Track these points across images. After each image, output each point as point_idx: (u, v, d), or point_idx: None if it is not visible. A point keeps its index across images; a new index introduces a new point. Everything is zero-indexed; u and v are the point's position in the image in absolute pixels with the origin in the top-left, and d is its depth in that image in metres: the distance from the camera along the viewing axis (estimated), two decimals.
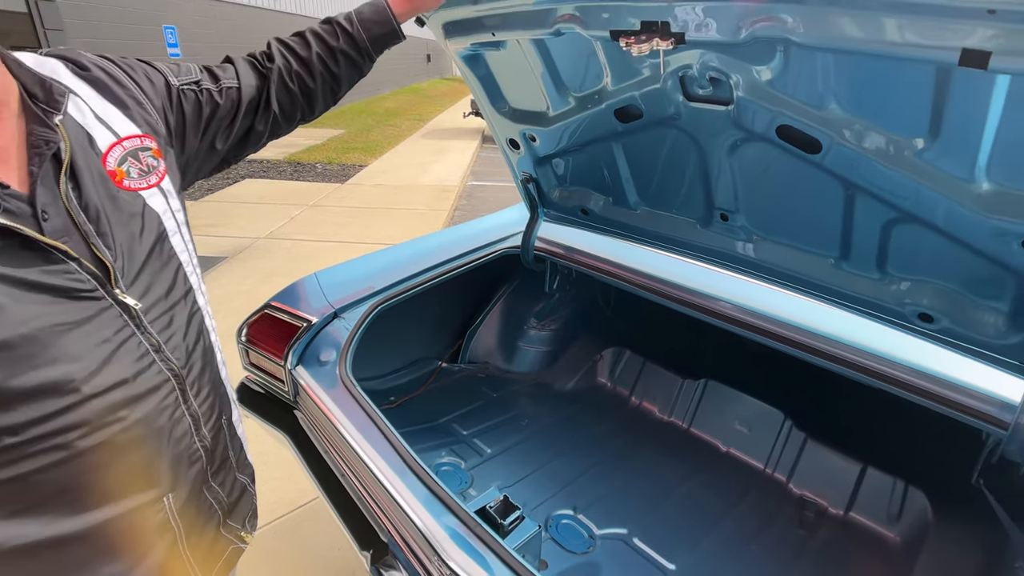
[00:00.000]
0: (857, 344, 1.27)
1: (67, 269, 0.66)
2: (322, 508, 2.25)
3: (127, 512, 0.75)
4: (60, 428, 0.66)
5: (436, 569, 0.97)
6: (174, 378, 0.78)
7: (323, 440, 1.33)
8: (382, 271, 1.65)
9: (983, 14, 0.67)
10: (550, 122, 1.54)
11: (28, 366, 0.62)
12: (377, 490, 1.12)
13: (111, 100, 0.77)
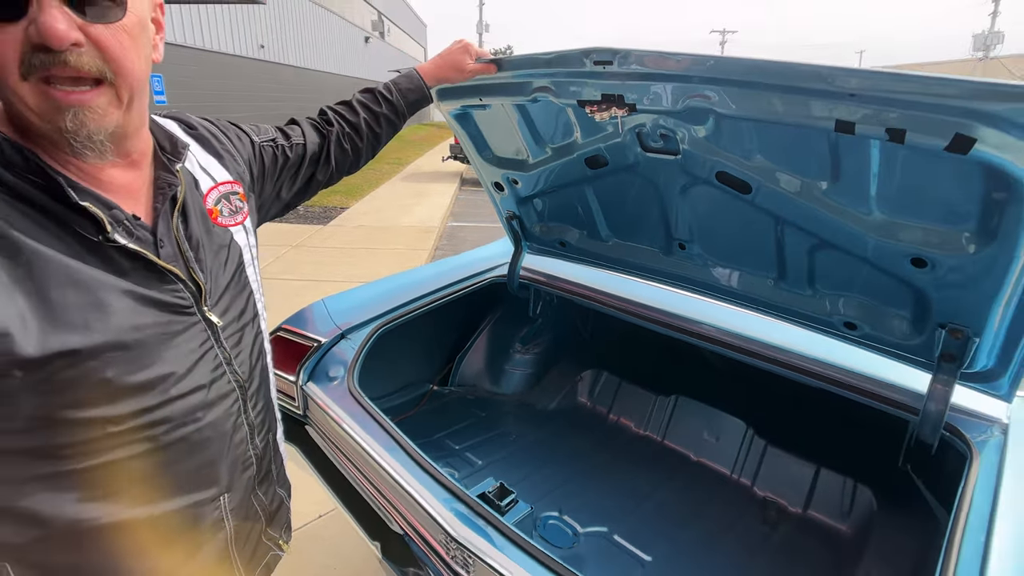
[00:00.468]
0: (799, 351, 1.48)
1: (175, 288, 0.78)
2: (319, 529, 2.37)
3: (190, 505, 0.83)
4: (150, 422, 0.76)
5: (445, 546, 1.13)
6: (239, 389, 0.89)
7: (334, 444, 1.49)
8: (383, 297, 1.84)
9: (846, 96, 0.92)
10: (530, 168, 1.76)
11: (137, 366, 0.73)
12: (389, 483, 1.28)
13: (211, 152, 0.94)
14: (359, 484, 1.42)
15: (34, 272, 0.65)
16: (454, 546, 1.11)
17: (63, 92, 0.64)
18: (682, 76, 1.12)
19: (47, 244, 0.67)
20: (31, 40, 0.61)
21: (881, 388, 1.34)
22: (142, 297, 0.74)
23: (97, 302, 0.69)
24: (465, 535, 1.10)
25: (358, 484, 1.42)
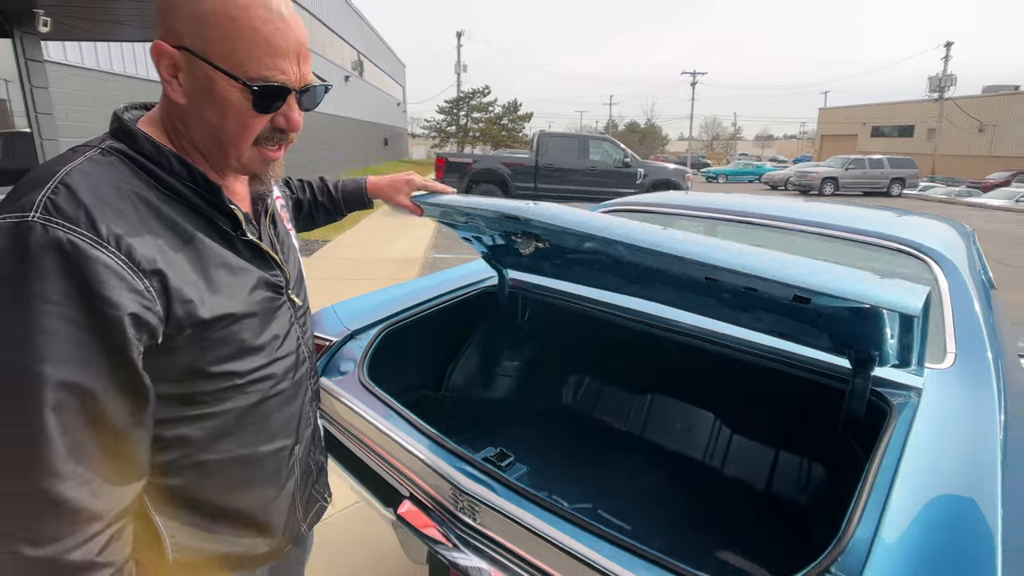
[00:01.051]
0: (752, 340, 1.71)
1: (277, 275, 0.99)
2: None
3: (279, 449, 1.00)
4: (262, 377, 0.94)
5: (453, 500, 1.31)
6: (308, 359, 1.08)
7: (347, 428, 1.66)
8: (387, 302, 2.03)
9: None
10: (487, 243, 1.97)
11: (258, 331, 0.92)
12: (401, 453, 1.45)
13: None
14: (371, 460, 1.59)
15: (201, 256, 0.85)
16: (462, 498, 1.28)
17: (272, 152, 0.92)
18: (578, 235, 1.32)
19: (206, 235, 0.87)
20: (274, 125, 0.89)
21: (821, 365, 1.57)
22: (262, 278, 0.95)
23: (240, 280, 0.90)
24: (471, 487, 1.28)
25: (371, 461, 1.59)
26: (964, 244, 2.15)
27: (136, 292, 0.74)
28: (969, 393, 1.40)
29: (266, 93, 0.83)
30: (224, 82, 0.81)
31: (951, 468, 1.15)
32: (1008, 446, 1.20)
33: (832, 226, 2.12)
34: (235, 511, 0.96)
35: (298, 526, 1.11)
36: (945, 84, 39.09)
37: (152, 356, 0.78)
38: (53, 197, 0.72)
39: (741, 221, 2.33)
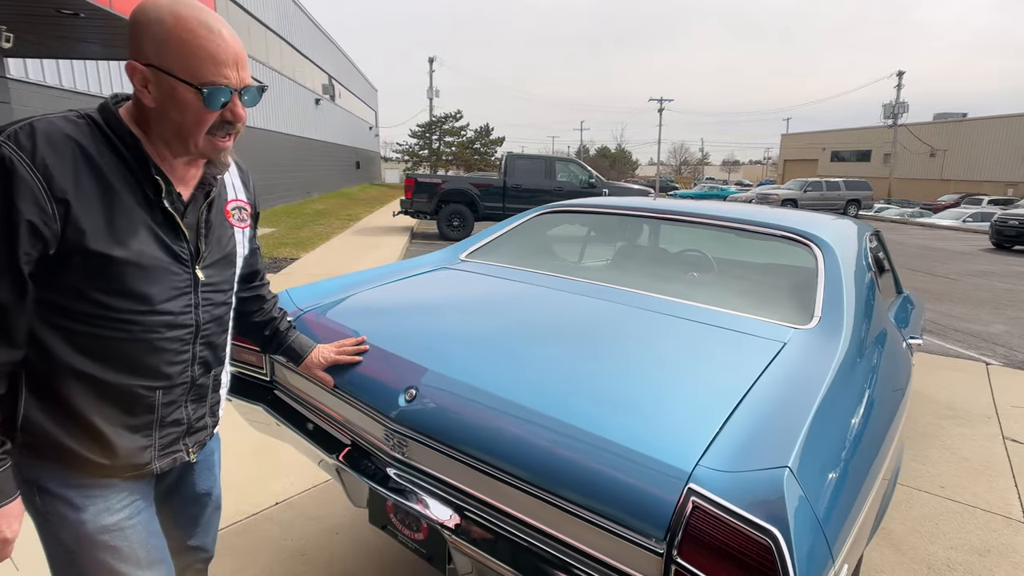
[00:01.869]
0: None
1: (182, 245, 1.17)
2: (277, 513, 2.65)
3: (135, 385, 1.15)
4: (131, 320, 1.11)
5: (386, 440, 1.51)
6: (195, 326, 1.22)
7: (296, 394, 1.85)
8: (338, 287, 2.23)
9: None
10: None
11: (142, 282, 1.10)
12: (342, 408, 1.66)
13: (243, 180, 1.39)
14: (317, 420, 1.78)
15: (113, 203, 1.08)
16: (391, 436, 1.49)
17: (222, 141, 1.15)
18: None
19: (130, 192, 1.10)
20: (223, 118, 1.11)
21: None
22: (162, 241, 1.14)
23: (138, 235, 1.10)
24: (397, 428, 1.49)
25: (316, 420, 1.78)
26: (854, 237, 2.42)
27: (40, 208, 0.98)
28: (819, 345, 1.65)
29: (214, 94, 1.07)
30: (182, 88, 1.06)
31: (783, 390, 1.39)
32: (834, 379, 1.45)
33: (736, 220, 2.39)
34: (77, 415, 1.11)
35: (148, 462, 1.22)
36: (898, 111, 40.77)
37: (47, 263, 1.02)
38: (18, 130, 1.00)
39: (662, 218, 2.59)
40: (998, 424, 4.14)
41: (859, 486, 1.24)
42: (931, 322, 7.41)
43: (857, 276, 2.05)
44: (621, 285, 2.15)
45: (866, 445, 1.36)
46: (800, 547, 0.97)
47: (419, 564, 2.35)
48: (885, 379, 1.76)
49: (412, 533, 1.52)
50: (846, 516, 1.14)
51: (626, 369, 1.53)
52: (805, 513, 1.02)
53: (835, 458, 1.22)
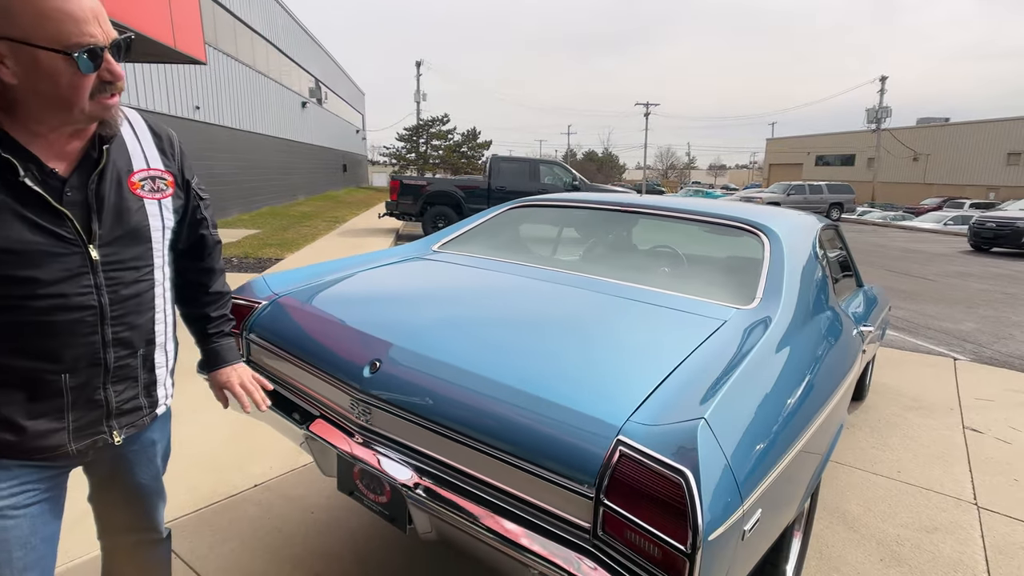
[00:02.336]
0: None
1: (63, 225, 1.08)
2: (256, 495, 2.73)
3: (35, 368, 1.10)
4: (20, 304, 1.05)
5: (351, 408, 1.62)
6: (99, 308, 1.14)
7: (272, 372, 1.95)
8: (313, 274, 2.33)
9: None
10: None
11: (21, 266, 1.03)
12: (311, 381, 1.76)
13: (159, 148, 1.27)
14: (290, 396, 1.89)
15: None
16: (356, 405, 1.60)
17: (108, 100, 1.08)
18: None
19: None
20: (101, 79, 1.05)
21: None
22: (33, 223, 1.05)
23: (2, 220, 1.02)
24: (362, 397, 1.60)
25: (290, 396, 1.89)
26: (804, 229, 2.55)
27: None
28: (756, 323, 1.78)
29: (86, 55, 0.99)
30: (46, 57, 0.97)
31: (713, 360, 1.52)
32: (762, 351, 1.58)
33: (694, 212, 2.53)
34: None
35: (62, 444, 1.16)
36: (881, 116, 41.36)
37: None
38: None
39: (624, 211, 2.72)
40: (960, 415, 4.30)
41: (776, 446, 1.36)
42: (904, 320, 7.59)
43: (801, 263, 2.18)
44: (580, 271, 2.27)
45: (788, 412, 1.48)
46: (708, 486, 1.09)
47: (388, 538, 2.45)
48: (821, 358, 1.88)
49: (376, 497, 1.63)
50: (758, 468, 1.25)
51: (574, 343, 1.65)
52: (716, 459, 1.14)
53: (753, 418, 1.34)
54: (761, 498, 1.24)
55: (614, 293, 2.06)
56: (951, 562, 2.54)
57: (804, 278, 2.10)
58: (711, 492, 1.09)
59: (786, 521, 1.62)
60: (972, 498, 3.10)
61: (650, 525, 1.09)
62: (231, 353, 1.56)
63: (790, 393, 1.53)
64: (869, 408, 4.36)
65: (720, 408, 1.26)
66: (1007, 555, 2.61)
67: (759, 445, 1.29)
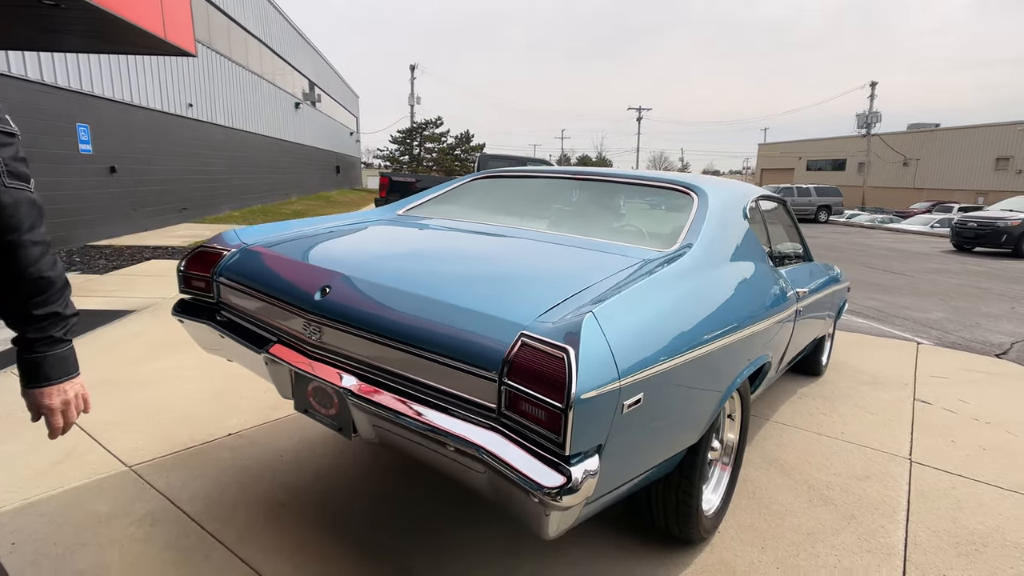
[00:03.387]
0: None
1: None
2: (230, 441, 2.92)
3: None
4: None
5: (305, 329, 1.82)
6: None
7: (239, 310, 2.15)
8: (280, 228, 2.54)
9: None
10: None
11: None
12: (269, 310, 1.96)
13: None
14: (253, 327, 2.09)
15: None
16: (309, 326, 1.81)
17: None
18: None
19: None
20: None
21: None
22: None
23: None
24: (313, 318, 1.81)
25: (253, 327, 2.09)
26: (735, 195, 2.73)
27: None
28: (669, 261, 1.98)
29: None
30: None
31: (620, 283, 1.72)
32: (666, 278, 1.79)
33: (634, 177, 2.75)
34: None
35: None
36: (871, 121, 41.78)
37: None
38: None
39: (574, 178, 2.95)
40: (913, 389, 4.51)
41: (664, 348, 1.56)
42: (875, 310, 7.82)
43: (723, 218, 2.39)
44: (526, 227, 2.49)
45: (681, 326, 1.68)
46: (586, 359, 1.29)
47: (350, 476, 2.65)
48: (733, 295, 2.08)
49: (326, 410, 1.83)
50: (640, 358, 1.45)
51: (501, 272, 1.86)
52: (598, 342, 1.35)
53: (643, 321, 1.54)
54: (644, 385, 1.45)
55: (550, 241, 2.27)
56: (875, 502, 2.74)
57: (724, 230, 2.31)
58: (588, 364, 1.29)
59: (687, 435, 1.83)
60: (907, 455, 3.31)
61: (538, 393, 1.30)
62: (59, 368, 1.16)
63: (686, 312, 1.73)
64: (825, 382, 4.57)
65: (610, 308, 1.47)
66: (929, 499, 2.81)
67: (644, 341, 1.49)
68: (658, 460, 1.71)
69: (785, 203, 3.75)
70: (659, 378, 1.52)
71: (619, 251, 2.11)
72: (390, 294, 1.71)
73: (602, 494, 1.46)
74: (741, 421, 2.51)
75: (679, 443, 1.81)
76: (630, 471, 1.57)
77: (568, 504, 1.26)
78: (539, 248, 2.17)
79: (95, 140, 9.60)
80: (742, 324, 2.05)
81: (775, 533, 2.44)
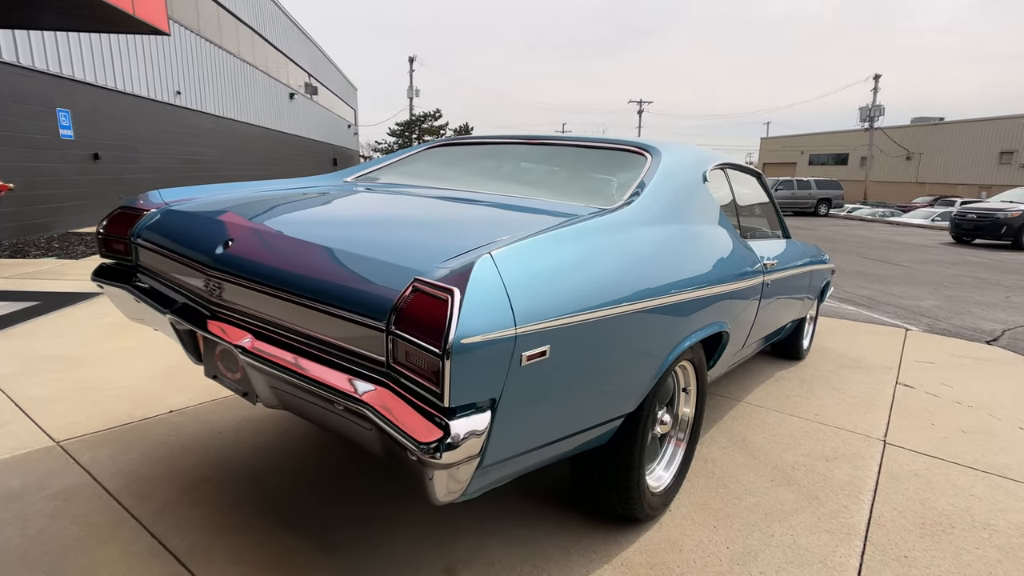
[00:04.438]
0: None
1: None
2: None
3: None
4: None
5: (206, 284, 1.69)
6: None
7: (155, 270, 2.03)
8: (210, 189, 2.41)
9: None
10: None
11: None
12: (177, 270, 1.83)
13: None
14: (166, 291, 1.96)
15: None
16: (209, 283, 1.68)
17: None
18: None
19: None
20: None
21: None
22: None
23: None
24: (215, 273, 1.68)
25: (164, 288, 1.96)
26: (693, 158, 2.59)
27: None
28: (605, 217, 1.84)
29: None
30: None
31: (539, 228, 1.59)
32: (586, 223, 1.66)
33: (589, 140, 2.61)
34: None
35: None
36: (874, 114, 41.44)
37: None
38: None
39: (527, 143, 2.81)
40: (896, 374, 4.37)
41: (578, 298, 1.42)
42: (867, 298, 7.67)
43: (675, 178, 2.25)
44: (468, 189, 2.36)
45: (603, 278, 1.54)
46: (473, 301, 1.16)
47: (288, 452, 2.53)
48: (675, 259, 1.95)
49: (232, 374, 1.70)
50: (545, 307, 1.32)
51: (427, 227, 1.73)
52: (492, 284, 1.21)
53: (554, 267, 1.41)
54: (551, 336, 1.31)
55: (485, 202, 2.13)
56: (840, 483, 2.61)
57: (674, 190, 2.18)
58: (475, 306, 1.15)
59: (620, 401, 1.70)
60: (882, 436, 3.17)
61: (419, 340, 1.16)
62: None
63: (610, 265, 1.60)
64: (804, 366, 4.44)
65: (514, 251, 1.33)
66: (898, 479, 2.68)
67: (553, 289, 1.35)
68: (580, 426, 1.57)
69: (761, 176, 3.60)
70: (571, 332, 1.38)
71: (555, 208, 1.97)
72: (290, 245, 1.58)
73: (504, 457, 1.32)
74: (697, 394, 2.38)
75: (610, 409, 1.68)
76: (541, 435, 1.44)
77: (449, 462, 1.13)
78: (469, 207, 2.03)
79: (77, 126, 9.47)
80: (687, 285, 1.92)
81: (730, 512, 2.31)
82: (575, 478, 2.06)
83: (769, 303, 3.01)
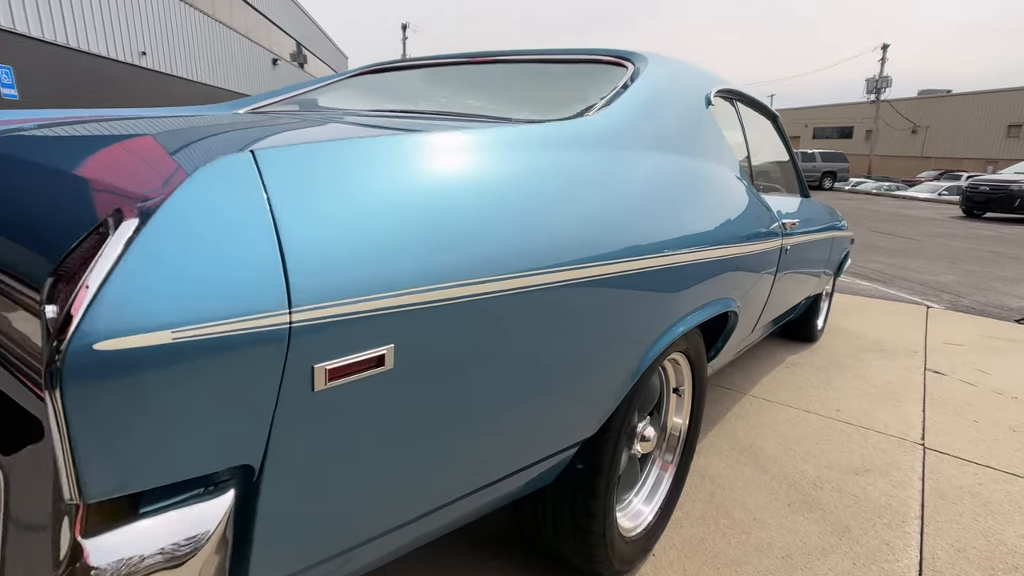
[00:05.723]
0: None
1: None
2: None
3: None
4: None
5: None
6: None
7: None
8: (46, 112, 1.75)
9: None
10: None
11: None
12: None
13: None
14: None
15: None
16: None
17: None
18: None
19: None
20: None
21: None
22: None
23: None
24: None
25: None
26: (694, 76, 1.94)
27: None
28: (550, 124, 1.19)
29: None
30: None
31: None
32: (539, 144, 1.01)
33: (557, 52, 1.95)
34: None
35: None
36: (881, 86, 40.39)
37: None
38: None
39: (477, 62, 2.14)
40: (924, 358, 3.76)
41: (457, 258, 0.78)
42: (881, 272, 7.07)
43: (666, 93, 1.60)
44: (392, 113, 1.70)
45: (523, 233, 0.89)
46: (157, 257, 0.51)
47: None
48: (662, 202, 1.30)
49: None
50: (384, 271, 0.67)
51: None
52: (226, 220, 0.57)
53: (426, 208, 0.76)
54: (396, 324, 0.67)
55: (396, 126, 1.48)
56: (877, 507, 2.00)
57: (660, 106, 1.52)
58: (168, 263, 0.51)
59: (568, 427, 1.06)
60: (919, 438, 2.56)
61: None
62: None
63: (544, 205, 0.94)
64: (819, 349, 3.83)
65: (306, 154, 0.68)
66: (948, 499, 2.07)
67: (409, 236, 0.70)
68: (486, 479, 0.93)
69: (777, 119, 2.94)
70: (449, 315, 0.73)
71: (469, 125, 1.32)
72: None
73: (312, 562, 0.69)
74: (693, 398, 1.75)
75: (548, 441, 1.04)
76: (398, 509, 0.80)
77: None
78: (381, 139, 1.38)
79: (21, 85, 8.69)
80: (679, 245, 1.27)
81: (734, 557, 1.69)
82: (520, 521, 1.44)
83: (786, 275, 2.37)
